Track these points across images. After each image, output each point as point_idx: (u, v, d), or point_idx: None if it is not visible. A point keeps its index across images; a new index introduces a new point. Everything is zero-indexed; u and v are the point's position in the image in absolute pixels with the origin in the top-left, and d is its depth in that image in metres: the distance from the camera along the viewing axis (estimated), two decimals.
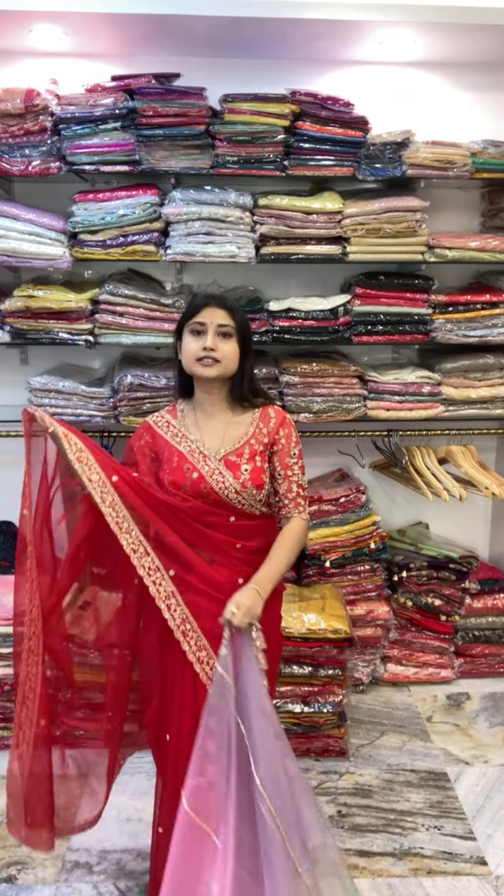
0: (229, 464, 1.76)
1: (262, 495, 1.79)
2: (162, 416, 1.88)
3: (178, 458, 1.78)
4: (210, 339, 1.74)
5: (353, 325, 2.72)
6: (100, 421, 2.73)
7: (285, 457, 1.81)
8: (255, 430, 1.80)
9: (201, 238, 2.56)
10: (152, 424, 1.86)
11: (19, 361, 3.01)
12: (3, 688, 2.59)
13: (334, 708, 2.60)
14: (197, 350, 1.74)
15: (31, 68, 2.71)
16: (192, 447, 1.79)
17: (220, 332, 1.75)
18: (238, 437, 1.80)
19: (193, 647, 1.71)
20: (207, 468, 1.75)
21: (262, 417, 1.83)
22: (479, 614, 3.07)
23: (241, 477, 1.74)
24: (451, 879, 2.14)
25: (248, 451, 1.78)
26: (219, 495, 1.74)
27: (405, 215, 2.61)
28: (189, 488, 1.75)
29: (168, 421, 1.85)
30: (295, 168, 2.56)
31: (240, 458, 1.77)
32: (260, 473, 1.77)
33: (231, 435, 1.80)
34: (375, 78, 2.82)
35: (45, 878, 2.14)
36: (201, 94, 2.45)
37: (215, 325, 1.75)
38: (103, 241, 2.57)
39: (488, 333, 2.79)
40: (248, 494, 1.76)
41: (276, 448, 1.81)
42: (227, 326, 1.76)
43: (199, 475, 1.75)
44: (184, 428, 1.83)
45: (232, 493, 1.74)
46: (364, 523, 2.91)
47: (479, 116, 2.90)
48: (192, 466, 1.76)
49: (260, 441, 1.80)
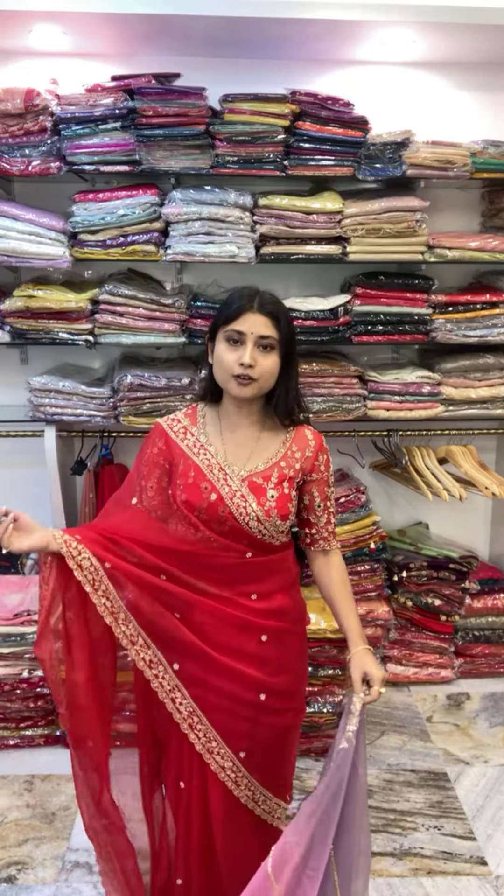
0: (253, 486, 1.55)
1: (286, 526, 1.60)
2: (178, 421, 1.65)
3: (195, 474, 1.57)
4: (248, 354, 1.51)
5: (353, 325, 2.72)
6: (100, 421, 2.73)
7: (324, 486, 1.64)
8: (286, 452, 1.61)
9: (201, 238, 2.56)
10: (167, 429, 1.64)
11: (19, 361, 3.00)
12: (2, 688, 2.60)
13: (334, 708, 2.60)
14: (233, 364, 1.52)
15: (31, 68, 2.71)
16: (211, 462, 1.58)
17: (260, 344, 1.53)
18: (267, 456, 1.60)
19: (202, 738, 1.59)
20: (228, 489, 1.55)
21: (298, 440, 1.63)
22: (479, 614, 3.07)
23: (266, 504, 1.54)
24: (451, 879, 2.14)
25: (277, 474, 1.58)
26: (238, 522, 1.54)
27: (405, 215, 2.61)
28: (205, 511, 1.55)
29: (186, 427, 1.63)
30: (295, 168, 2.56)
31: (266, 481, 1.56)
32: (286, 502, 1.57)
33: (260, 453, 1.60)
34: (375, 78, 2.82)
35: (45, 878, 2.14)
36: (201, 94, 2.44)
37: (256, 336, 1.52)
38: (103, 241, 2.56)
39: (488, 333, 2.79)
40: (272, 524, 1.55)
41: (314, 476, 1.63)
42: (270, 338, 1.53)
43: (219, 497, 1.54)
44: (203, 437, 1.61)
45: (253, 520, 1.54)
46: (364, 523, 2.91)
47: (479, 116, 2.90)
48: (210, 486, 1.55)
49: (291, 466, 1.60)
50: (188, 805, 1.66)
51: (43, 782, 2.52)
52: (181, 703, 1.59)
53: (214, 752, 1.61)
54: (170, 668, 1.59)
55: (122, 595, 1.54)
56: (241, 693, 1.60)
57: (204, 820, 1.65)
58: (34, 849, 2.25)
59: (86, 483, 2.91)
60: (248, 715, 1.62)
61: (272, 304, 1.56)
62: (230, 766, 1.63)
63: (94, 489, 2.89)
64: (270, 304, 1.55)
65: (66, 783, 2.49)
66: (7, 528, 1.46)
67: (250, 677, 1.60)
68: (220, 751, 1.61)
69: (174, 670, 1.59)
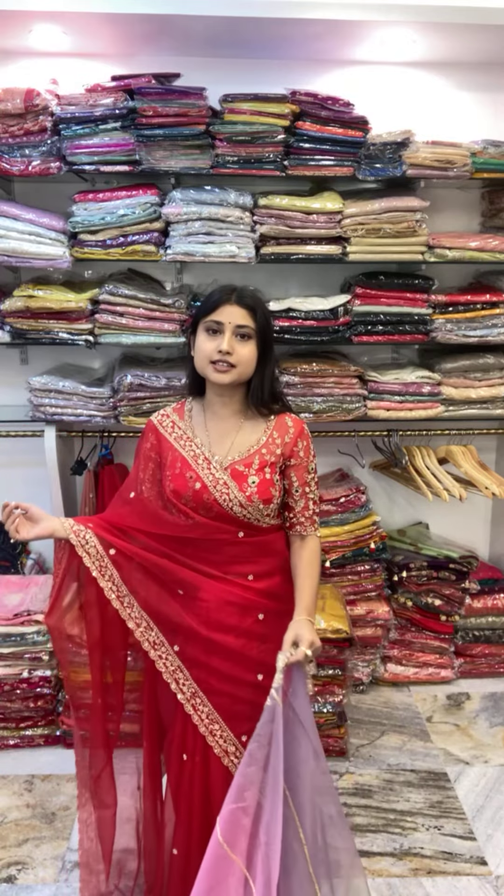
0: (235, 473, 1.63)
1: (271, 509, 1.67)
2: (167, 416, 1.75)
3: (181, 465, 1.66)
4: (226, 342, 1.59)
5: (353, 325, 2.72)
6: (100, 421, 2.73)
7: (303, 472, 1.69)
8: (268, 440, 1.67)
9: (201, 238, 2.56)
10: (157, 425, 1.74)
11: (19, 361, 3.01)
12: (2, 688, 2.60)
13: (334, 708, 2.60)
14: (211, 352, 1.60)
15: (31, 68, 2.71)
16: (196, 452, 1.66)
17: (238, 333, 1.61)
18: (249, 444, 1.67)
19: (206, 720, 1.67)
20: (211, 478, 1.63)
21: (278, 426, 1.69)
22: (479, 614, 3.07)
23: (247, 490, 1.62)
24: (451, 879, 2.14)
25: (258, 461, 1.65)
26: (223, 507, 1.62)
27: (405, 215, 2.61)
28: (191, 499, 1.64)
29: (174, 421, 1.73)
30: (295, 168, 2.56)
31: (248, 468, 1.64)
32: (269, 486, 1.64)
33: (241, 441, 1.68)
34: (375, 78, 2.82)
35: (45, 878, 2.14)
36: (201, 94, 2.45)
37: (233, 325, 1.60)
38: (103, 241, 2.56)
39: (488, 333, 2.79)
40: (255, 508, 1.63)
41: (292, 462, 1.68)
42: (247, 328, 1.61)
43: (203, 485, 1.63)
44: (190, 430, 1.71)
45: (237, 506, 1.62)
46: (364, 523, 2.91)
47: (479, 116, 2.90)
48: (195, 475, 1.64)
49: (272, 452, 1.66)
50: (191, 777, 1.71)
51: (43, 782, 2.52)
52: (184, 683, 1.68)
53: (217, 735, 1.68)
54: (171, 650, 1.69)
55: (126, 579, 1.67)
56: (240, 674, 1.67)
57: (204, 793, 1.69)
58: (34, 849, 2.25)
59: (86, 483, 2.91)
60: (248, 697, 1.67)
61: (250, 297, 1.65)
62: (233, 751, 1.68)
63: (94, 489, 2.89)
64: (248, 298, 1.64)
65: (66, 783, 2.49)
66: (16, 518, 1.62)
67: (248, 657, 1.67)
68: (222, 734, 1.67)
69: (174, 651, 1.69)
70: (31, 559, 3.06)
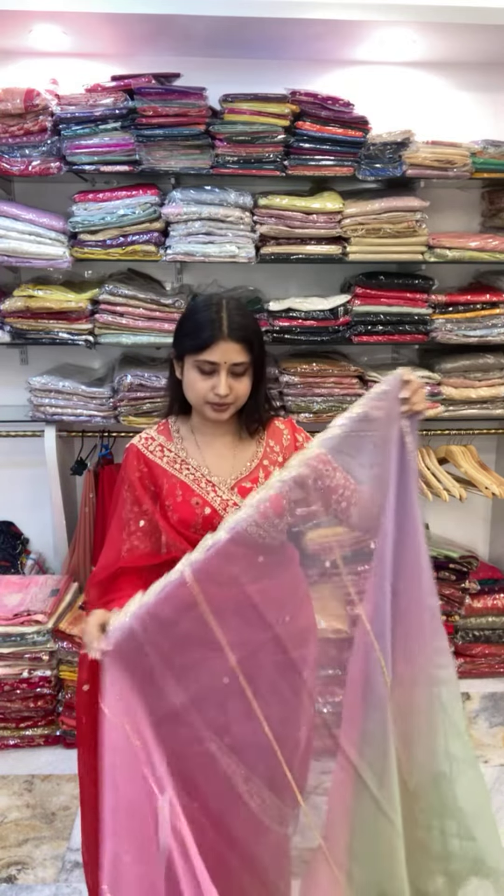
0: (244, 491, 1.52)
1: (283, 523, 1.55)
2: (152, 439, 1.60)
3: (183, 491, 1.53)
4: (223, 385, 1.48)
5: (353, 325, 2.72)
6: (100, 421, 2.73)
7: None
8: (265, 450, 1.60)
9: (201, 238, 2.56)
10: (142, 450, 1.58)
11: (19, 361, 3.00)
12: (2, 688, 2.60)
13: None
14: (206, 392, 1.50)
15: (31, 68, 2.71)
16: (196, 475, 1.55)
17: (233, 371, 1.50)
18: (248, 458, 1.59)
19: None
20: (220, 500, 1.52)
21: (272, 434, 1.63)
22: (479, 614, 3.06)
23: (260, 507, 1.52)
24: None
25: (263, 473, 1.56)
26: None
27: (405, 215, 2.61)
28: (200, 526, 1.50)
29: (161, 444, 1.59)
30: (295, 168, 2.56)
31: (255, 483, 1.54)
32: (280, 499, 1.50)
33: (240, 458, 1.59)
34: (375, 78, 2.82)
35: (45, 878, 2.14)
36: (201, 94, 2.44)
37: (229, 364, 1.49)
38: (103, 241, 2.56)
39: (488, 333, 2.79)
40: (269, 525, 1.50)
41: None
42: (243, 364, 1.50)
43: (212, 510, 1.51)
44: (183, 452, 1.58)
45: (252, 526, 1.46)
46: None
47: (479, 116, 2.90)
48: (201, 500, 1.52)
49: (274, 460, 1.58)
50: None
51: (43, 782, 2.52)
52: None
53: None
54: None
55: None
56: None
57: None
58: (34, 849, 2.25)
59: (86, 483, 2.91)
60: None
61: (241, 327, 1.50)
62: None
63: (94, 489, 2.89)
64: (240, 329, 1.49)
65: (66, 783, 2.49)
66: None
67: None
68: None
69: None
70: (31, 559, 3.06)
